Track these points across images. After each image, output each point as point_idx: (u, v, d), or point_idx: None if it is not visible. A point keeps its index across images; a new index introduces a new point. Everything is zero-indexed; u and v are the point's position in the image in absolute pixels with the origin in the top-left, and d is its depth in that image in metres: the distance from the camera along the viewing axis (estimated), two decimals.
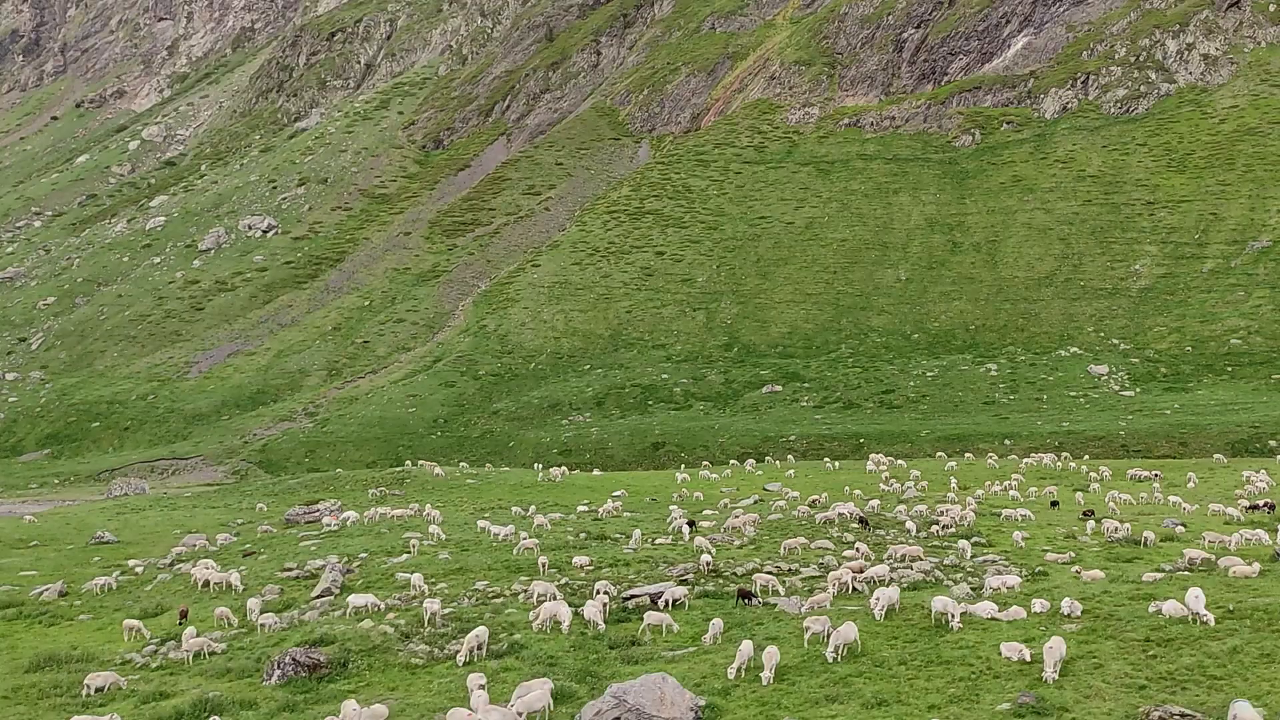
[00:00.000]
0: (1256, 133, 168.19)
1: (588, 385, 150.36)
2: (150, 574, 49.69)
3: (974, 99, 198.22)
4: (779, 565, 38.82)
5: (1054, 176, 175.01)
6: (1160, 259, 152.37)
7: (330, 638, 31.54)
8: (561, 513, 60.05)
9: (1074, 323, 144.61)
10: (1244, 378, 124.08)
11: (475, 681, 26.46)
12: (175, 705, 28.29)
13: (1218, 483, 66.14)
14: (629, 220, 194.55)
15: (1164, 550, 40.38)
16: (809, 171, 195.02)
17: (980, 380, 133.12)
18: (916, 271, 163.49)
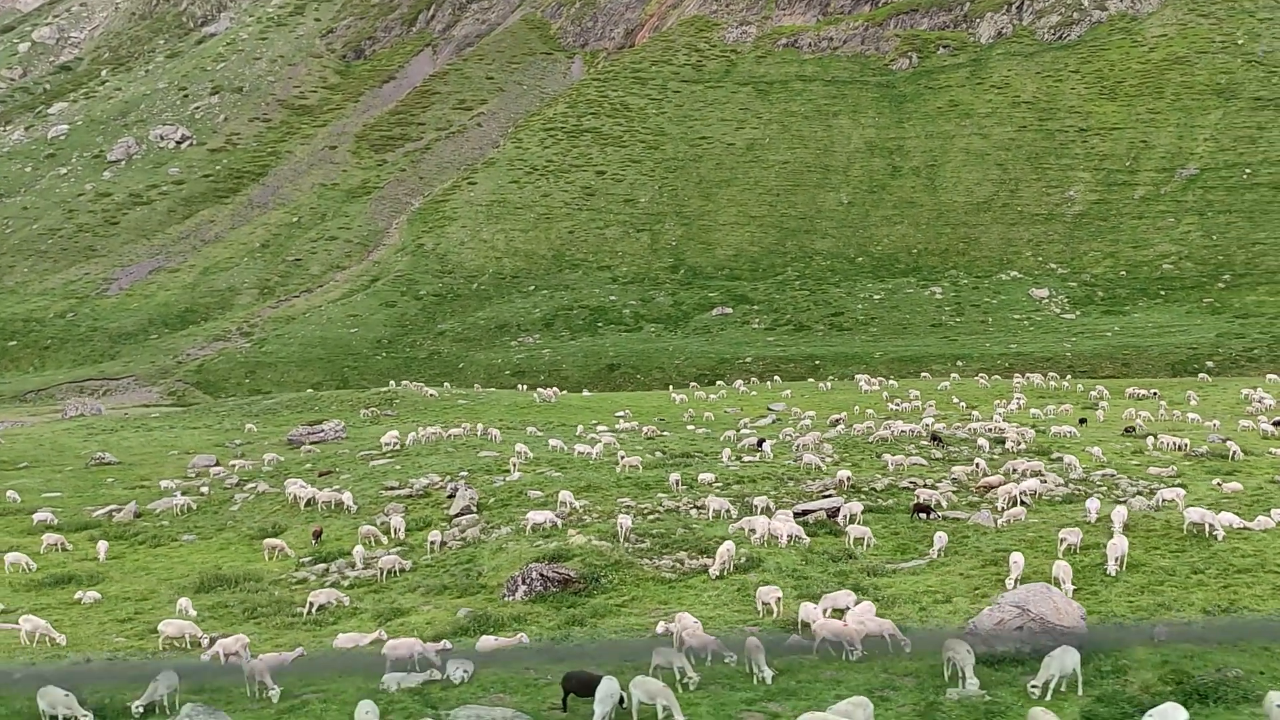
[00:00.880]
0: (1184, 61, 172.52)
1: (534, 306, 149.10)
2: (219, 494, 48.33)
3: (911, 22, 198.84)
4: (913, 481, 39.51)
5: (990, 102, 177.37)
6: (1094, 185, 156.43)
7: (566, 552, 30.84)
8: (599, 432, 59.97)
9: (1013, 247, 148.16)
10: (1177, 301, 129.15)
11: (770, 594, 26.19)
12: (429, 620, 27.67)
13: (1219, 400, 69.25)
14: (567, 138, 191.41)
15: (1252, 463, 42.13)
16: (748, 92, 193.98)
17: (926, 303, 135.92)
18: (858, 195, 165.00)
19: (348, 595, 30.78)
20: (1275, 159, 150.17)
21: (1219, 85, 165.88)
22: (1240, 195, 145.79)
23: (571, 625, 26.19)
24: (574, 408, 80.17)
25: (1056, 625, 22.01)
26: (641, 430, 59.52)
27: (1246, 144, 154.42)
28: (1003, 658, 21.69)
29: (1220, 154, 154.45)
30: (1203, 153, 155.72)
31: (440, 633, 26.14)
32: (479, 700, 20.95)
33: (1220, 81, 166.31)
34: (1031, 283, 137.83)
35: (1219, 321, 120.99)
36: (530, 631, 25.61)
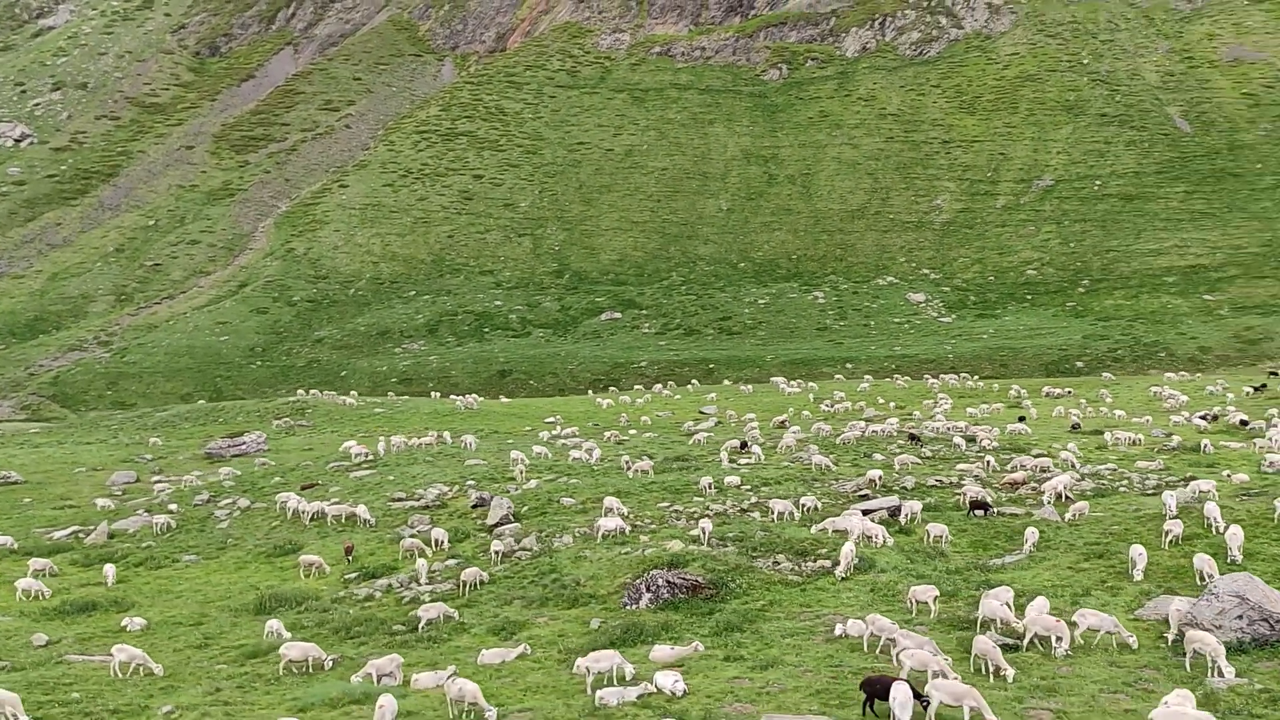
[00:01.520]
0: (1036, 79, 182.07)
1: (417, 312, 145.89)
2: (192, 512, 44.90)
3: (780, 34, 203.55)
4: (938, 479, 39.84)
5: (858, 114, 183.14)
6: (959, 195, 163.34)
7: (681, 558, 29.49)
8: (564, 437, 58.60)
9: (887, 253, 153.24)
10: (1043, 305, 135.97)
11: (927, 593, 25.87)
12: (560, 631, 26.36)
13: (1130, 397, 72.91)
14: (442, 141, 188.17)
15: (1224, 455, 44.09)
16: (624, 98, 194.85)
17: (810, 308, 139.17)
18: (737, 202, 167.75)
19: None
20: (1122, 172, 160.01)
21: (1068, 102, 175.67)
22: (1093, 205, 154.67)
23: (728, 632, 25.34)
24: (498, 414, 78.60)
25: (1273, 613, 22.42)
26: (605, 436, 58.75)
27: (1096, 157, 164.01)
28: (1226, 647, 21.80)
29: (1072, 166, 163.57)
30: (1057, 165, 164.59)
31: (582, 645, 25.03)
32: (732, 714, 19.95)
33: (1069, 98, 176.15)
34: (908, 287, 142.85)
35: (1083, 324, 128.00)
36: (686, 640, 24.70)
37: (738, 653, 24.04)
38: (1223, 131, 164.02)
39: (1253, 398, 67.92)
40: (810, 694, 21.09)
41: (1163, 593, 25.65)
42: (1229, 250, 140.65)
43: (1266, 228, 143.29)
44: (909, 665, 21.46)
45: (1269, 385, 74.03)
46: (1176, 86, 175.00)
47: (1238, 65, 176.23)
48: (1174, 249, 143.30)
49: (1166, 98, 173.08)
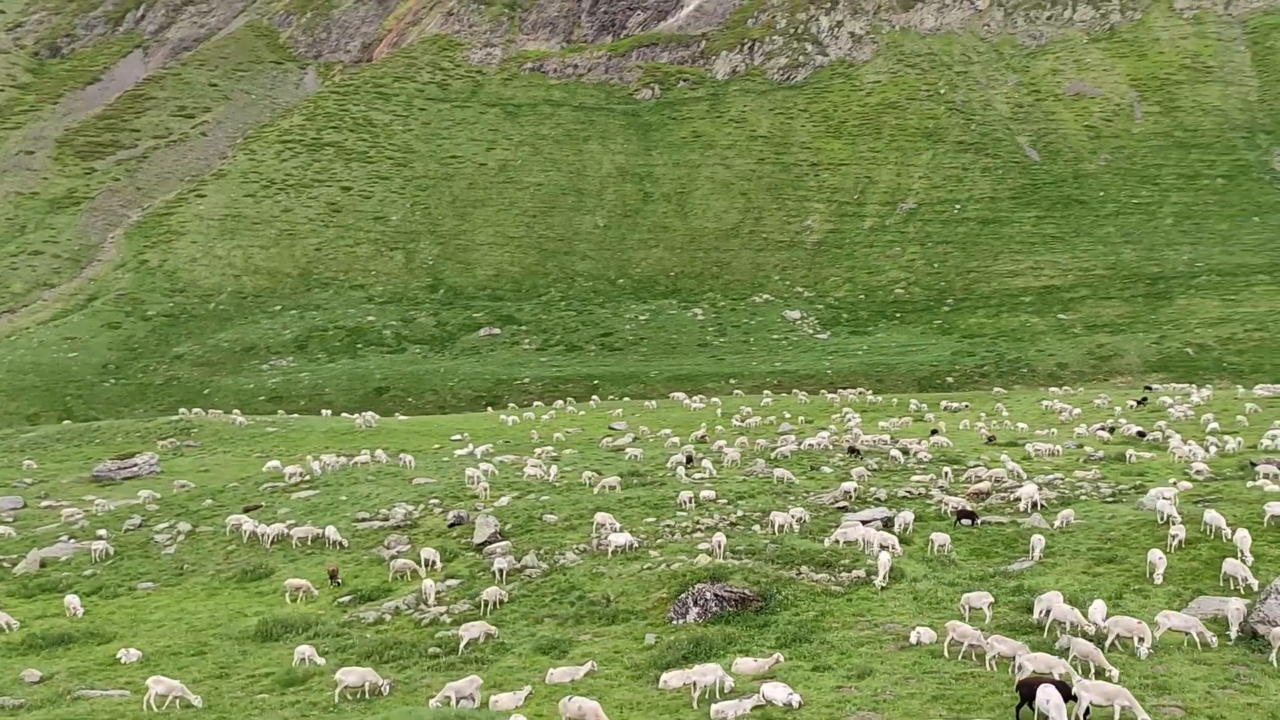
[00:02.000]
0: (897, 106, 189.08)
1: (284, 327, 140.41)
2: (126, 538, 41.37)
3: (652, 55, 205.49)
4: (909, 491, 39.80)
5: (730, 135, 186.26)
6: (828, 215, 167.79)
7: (724, 571, 28.70)
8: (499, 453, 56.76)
9: (762, 271, 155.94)
10: (911, 322, 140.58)
11: (982, 599, 26.05)
12: (615, 649, 25.65)
13: (1024, 411, 75.45)
14: (307, 152, 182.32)
15: (1150, 465, 45.74)
16: (497, 113, 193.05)
17: (690, 324, 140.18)
18: (614, 219, 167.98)
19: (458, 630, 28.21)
20: (979, 197, 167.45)
21: (927, 129, 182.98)
22: (953, 228, 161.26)
23: (796, 643, 25.02)
24: (400, 433, 75.83)
25: None
26: (536, 452, 57.33)
27: (954, 182, 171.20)
28: None
29: (933, 190, 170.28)
30: (919, 189, 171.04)
31: (646, 660, 24.30)
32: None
33: (928, 126, 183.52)
34: (783, 305, 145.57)
35: (951, 341, 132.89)
36: (763, 652, 24.20)
37: (825, 662, 23.72)
38: (1068, 161, 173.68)
39: (1136, 410, 71.62)
40: (928, 700, 20.87)
41: (1192, 594, 26.30)
42: (1079, 272, 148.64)
43: (1111, 252, 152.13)
44: (1074, 653, 22.05)
45: (1148, 399, 78.25)
46: (1025, 117, 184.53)
47: (1079, 99, 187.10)
48: (1029, 270, 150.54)
49: (1017, 128, 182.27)
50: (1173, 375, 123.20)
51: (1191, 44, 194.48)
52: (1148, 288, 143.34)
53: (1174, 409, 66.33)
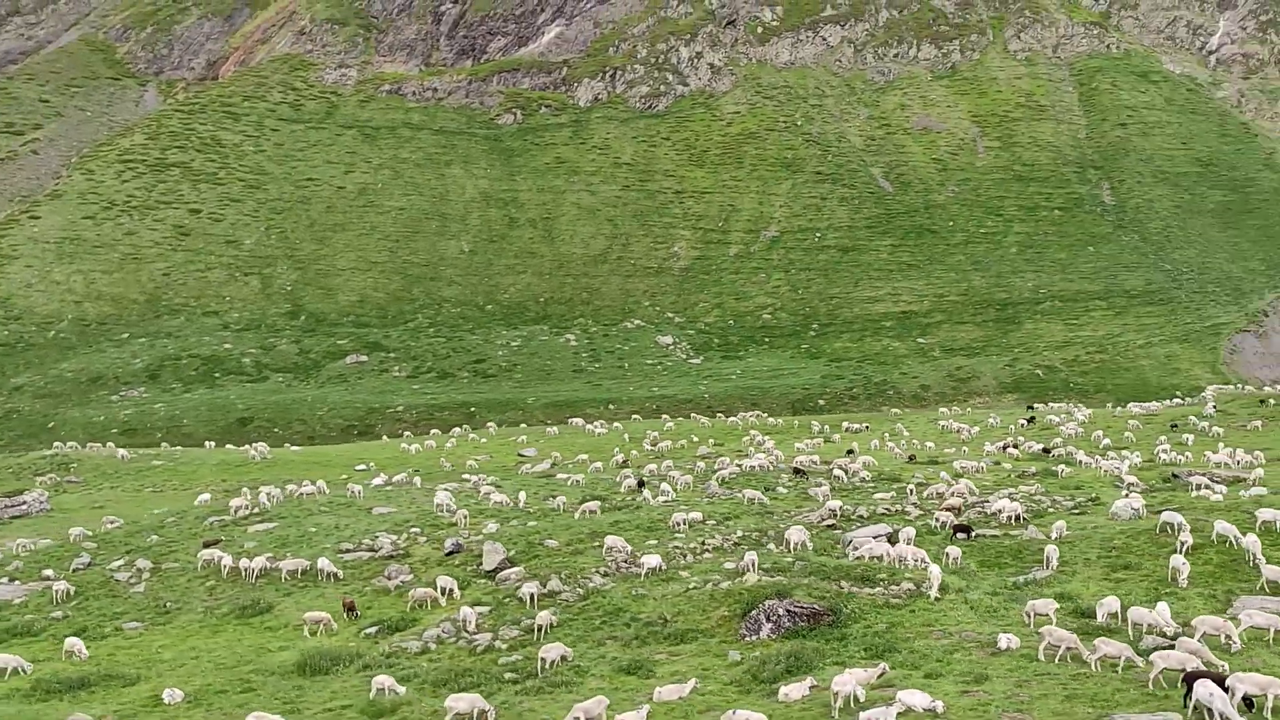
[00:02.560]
0: (757, 137, 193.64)
1: (134, 356, 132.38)
2: (79, 578, 39.12)
3: (513, 80, 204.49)
4: (886, 508, 39.89)
5: (594, 161, 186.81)
6: (694, 242, 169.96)
7: (787, 588, 28.88)
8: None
9: (631, 297, 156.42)
10: (780, 347, 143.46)
11: (1048, 606, 26.77)
12: (703, 666, 25.58)
13: (923, 431, 77.20)
14: (150, 172, 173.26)
15: (1081, 478, 47.37)
16: (354, 135, 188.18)
17: (563, 350, 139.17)
18: (480, 244, 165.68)
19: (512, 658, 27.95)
20: (838, 225, 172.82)
21: (786, 159, 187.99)
22: (815, 255, 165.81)
23: (885, 653, 25.38)
24: (297, 464, 72.01)
25: None
26: (470, 480, 55.36)
27: (814, 211, 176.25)
28: None
29: (794, 219, 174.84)
30: (780, 218, 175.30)
31: (743, 675, 24.66)
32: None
33: (787, 156, 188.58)
34: (655, 330, 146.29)
35: (820, 365, 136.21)
36: (865, 663, 24.30)
37: (933, 670, 24.08)
38: (919, 192, 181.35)
39: (1028, 429, 74.69)
40: (1063, 700, 21.47)
41: (1224, 595, 27.32)
42: (934, 298, 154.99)
43: (963, 279, 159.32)
44: (1247, 622, 23.91)
45: (1036, 418, 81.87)
46: (878, 150, 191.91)
47: (926, 133, 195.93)
48: (888, 296, 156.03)
49: (870, 159, 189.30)
50: (1025, 395, 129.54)
51: (1025, 84, 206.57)
52: (998, 313, 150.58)
53: (1064, 427, 69.46)
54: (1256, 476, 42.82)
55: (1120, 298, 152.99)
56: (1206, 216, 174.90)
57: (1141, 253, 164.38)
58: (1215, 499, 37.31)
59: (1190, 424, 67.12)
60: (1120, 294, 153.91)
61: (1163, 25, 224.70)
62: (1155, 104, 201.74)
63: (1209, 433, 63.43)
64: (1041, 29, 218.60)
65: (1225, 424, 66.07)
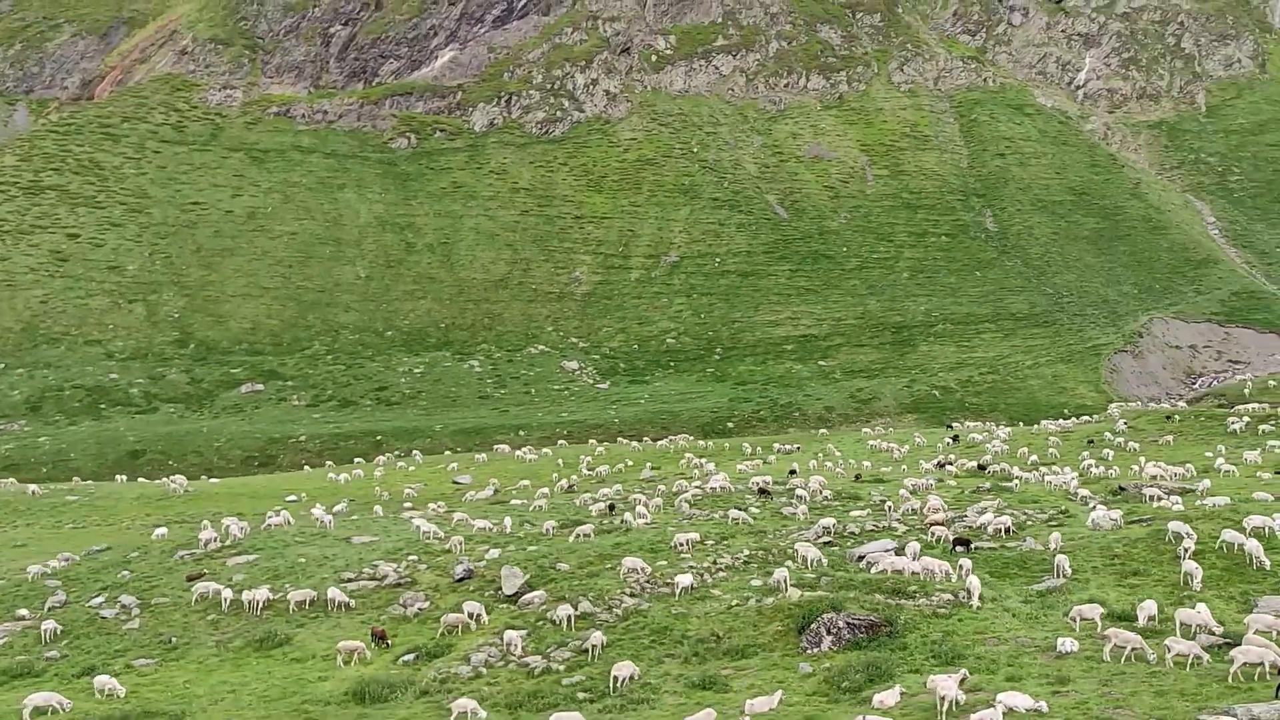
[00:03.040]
0: (654, 163, 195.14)
1: (11, 388, 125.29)
2: (60, 615, 37.10)
3: (407, 104, 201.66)
4: (875, 524, 40.47)
5: (491, 186, 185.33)
6: (595, 267, 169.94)
7: (840, 602, 29.89)
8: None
9: (534, 323, 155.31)
10: (686, 371, 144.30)
11: (1093, 611, 27.94)
12: (819, 679, 26.27)
13: (853, 451, 78.02)
14: (24, 195, 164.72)
15: (1034, 492, 48.72)
16: (241, 158, 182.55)
17: (468, 376, 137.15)
18: (376, 269, 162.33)
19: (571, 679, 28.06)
20: (736, 251, 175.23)
21: (684, 185, 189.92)
22: (715, 280, 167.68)
23: (954, 660, 25.86)
24: (221, 496, 68.80)
25: None
26: (429, 508, 53.66)
27: (713, 237, 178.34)
28: None
29: (694, 244, 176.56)
30: (680, 243, 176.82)
31: (820, 686, 25.00)
32: None
33: (685, 182, 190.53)
34: (560, 356, 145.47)
35: (726, 388, 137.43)
36: (924, 671, 24.65)
37: (1015, 674, 24.73)
38: (813, 218, 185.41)
39: (953, 446, 76.51)
40: (1156, 694, 22.62)
41: (1241, 594, 28.22)
42: (832, 322, 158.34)
43: (859, 303, 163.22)
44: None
45: (959, 436, 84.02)
46: (772, 177, 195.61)
47: (818, 161, 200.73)
48: (788, 320, 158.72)
49: (765, 186, 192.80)
50: (924, 416, 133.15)
51: (910, 115, 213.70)
52: (894, 335, 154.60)
53: (990, 444, 71.43)
54: (1204, 487, 44.67)
55: (1007, 320, 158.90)
56: (1082, 242, 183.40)
57: (1025, 277, 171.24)
58: (1176, 508, 38.79)
59: (1106, 440, 69.86)
60: (1007, 317, 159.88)
61: (1034, 61, 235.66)
62: (1030, 135, 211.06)
63: (1125, 448, 66.14)
64: (923, 62, 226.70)
65: (1138, 439, 68.95)
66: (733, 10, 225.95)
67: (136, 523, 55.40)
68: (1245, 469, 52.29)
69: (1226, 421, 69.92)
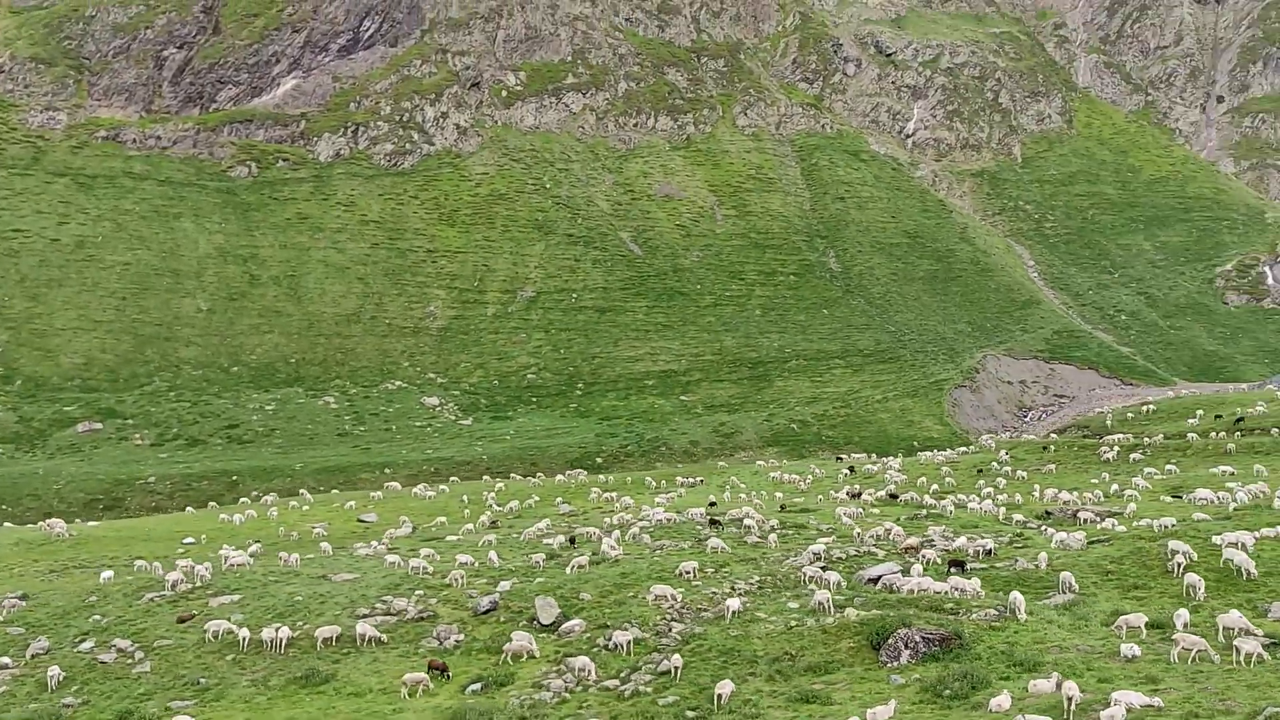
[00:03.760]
0: (507, 198, 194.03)
1: None
2: (58, 661, 34.01)
3: (247, 131, 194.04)
4: (867, 550, 40.69)
5: (339, 218, 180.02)
6: (450, 302, 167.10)
7: (908, 619, 31.48)
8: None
9: (390, 358, 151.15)
10: (549, 406, 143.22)
11: (1137, 620, 29.69)
12: (873, 690, 27.53)
13: (754, 483, 78.26)
14: None
15: (972, 518, 50.18)
16: (67, 184, 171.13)
17: (323, 413, 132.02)
18: (219, 302, 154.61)
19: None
20: (593, 286, 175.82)
21: (538, 221, 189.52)
22: (574, 316, 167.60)
23: (1035, 668, 27.37)
24: (109, 540, 63.14)
25: None
26: (374, 545, 50.71)
27: (569, 273, 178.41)
28: None
29: (550, 280, 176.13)
30: (536, 278, 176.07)
31: (915, 694, 26.62)
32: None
33: (538, 218, 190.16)
34: (419, 392, 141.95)
35: (591, 424, 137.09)
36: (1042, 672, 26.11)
37: (1105, 676, 26.27)
38: (667, 256, 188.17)
39: (851, 477, 78.28)
40: (1248, 688, 24.29)
41: (1243, 602, 30.27)
42: (691, 358, 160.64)
43: (715, 339, 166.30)
44: None
45: (855, 468, 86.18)
46: (625, 214, 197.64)
47: (669, 200, 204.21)
48: (647, 356, 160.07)
49: (619, 224, 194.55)
50: (785, 449, 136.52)
51: (754, 157, 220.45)
52: (750, 371, 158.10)
53: (886, 474, 73.54)
54: (1131, 511, 47.32)
55: (856, 357, 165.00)
56: (918, 283, 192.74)
57: (869, 315, 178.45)
58: (1119, 530, 41.06)
59: (994, 469, 73.12)
60: (855, 353, 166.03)
61: (868, 110, 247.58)
62: (866, 180, 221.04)
63: (1014, 476, 69.40)
64: (765, 107, 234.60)
65: (1024, 468, 72.46)
66: (582, 49, 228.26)
67: (31, 569, 50.12)
68: (1146, 493, 55.64)
69: (1099, 451, 74.37)
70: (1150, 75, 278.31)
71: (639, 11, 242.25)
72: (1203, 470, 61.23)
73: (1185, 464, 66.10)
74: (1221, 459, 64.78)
